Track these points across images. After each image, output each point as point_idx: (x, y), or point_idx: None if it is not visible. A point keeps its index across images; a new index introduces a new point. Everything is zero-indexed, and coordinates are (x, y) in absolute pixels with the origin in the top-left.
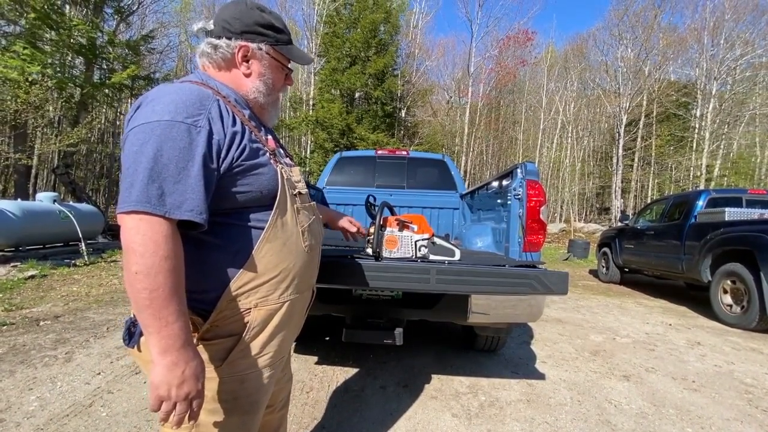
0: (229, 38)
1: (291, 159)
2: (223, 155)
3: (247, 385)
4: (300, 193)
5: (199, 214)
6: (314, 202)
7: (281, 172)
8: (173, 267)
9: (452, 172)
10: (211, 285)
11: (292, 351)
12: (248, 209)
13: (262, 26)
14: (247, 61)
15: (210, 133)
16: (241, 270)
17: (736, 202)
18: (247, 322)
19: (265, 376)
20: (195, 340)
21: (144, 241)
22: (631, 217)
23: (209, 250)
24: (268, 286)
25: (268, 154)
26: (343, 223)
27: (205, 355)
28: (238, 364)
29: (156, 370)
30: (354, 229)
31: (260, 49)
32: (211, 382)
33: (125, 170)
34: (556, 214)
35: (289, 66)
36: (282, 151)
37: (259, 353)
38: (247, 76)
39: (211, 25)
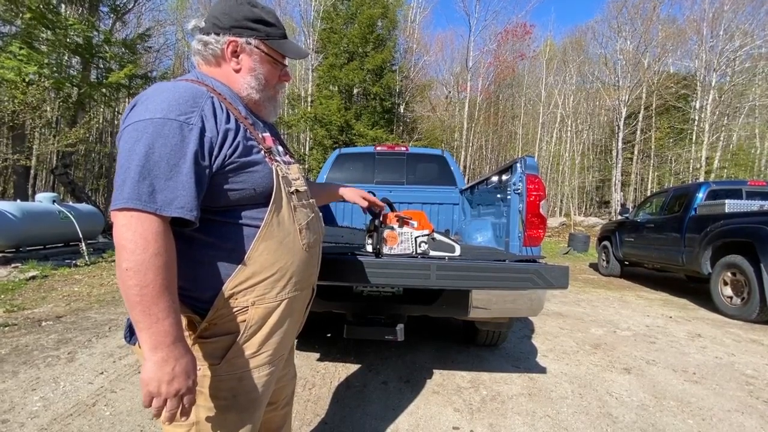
0: (218, 34)
1: (291, 156)
2: (215, 153)
3: (245, 383)
4: (297, 190)
5: (189, 212)
6: (314, 200)
7: (276, 169)
8: (164, 264)
9: (452, 168)
10: (207, 283)
11: (294, 348)
12: (242, 207)
13: (252, 20)
14: (237, 57)
15: (202, 130)
16: (237, 268)
17: (736, 194)
18: (245, 321)
19: (264, 374)
20: (192, 339)
21: (134, 237)
22: (631, 210)
23: (204, 248)
24: (264, 285)
25: (263, 151)
26: (356, 199)
27: (203, 353)
28: (236, 362)
29: (146, 366)
30: (365, 204)
31: (249, 43)
32: (210, 380)
33: (119, 168)
34: (555, 208)
35: (284, 61)
36: (281, 149)
37: (257, 351)
38: (237, 71)
39: (203, 23)
